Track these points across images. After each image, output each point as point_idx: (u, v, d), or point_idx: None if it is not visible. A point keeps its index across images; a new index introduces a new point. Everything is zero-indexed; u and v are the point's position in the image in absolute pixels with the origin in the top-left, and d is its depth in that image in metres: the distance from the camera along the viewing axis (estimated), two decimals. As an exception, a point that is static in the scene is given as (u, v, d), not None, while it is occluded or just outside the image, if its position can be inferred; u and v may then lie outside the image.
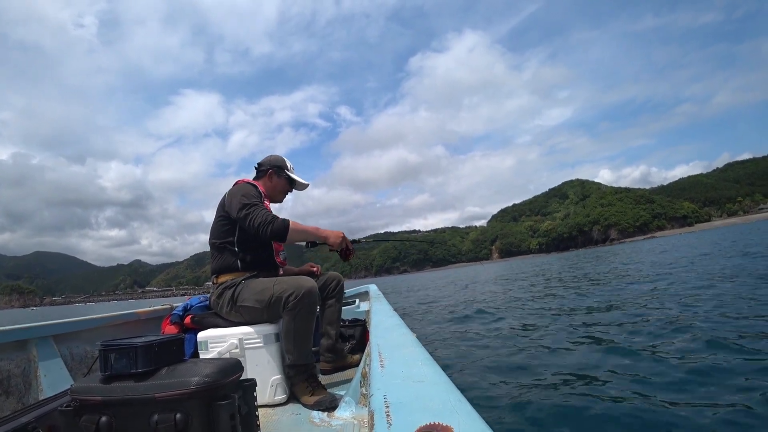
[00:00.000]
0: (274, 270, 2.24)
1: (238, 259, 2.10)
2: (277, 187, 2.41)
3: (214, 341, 1.86)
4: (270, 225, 1.96)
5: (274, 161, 2.42)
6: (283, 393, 1.86)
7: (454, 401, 0.68)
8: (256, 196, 2.10)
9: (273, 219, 1.98)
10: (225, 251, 2.12)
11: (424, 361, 1.00)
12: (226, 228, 2.13)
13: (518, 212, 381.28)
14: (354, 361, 2.45)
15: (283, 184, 2.43)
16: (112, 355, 1.11)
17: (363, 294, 4.29)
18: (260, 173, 2.42)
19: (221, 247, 2.13)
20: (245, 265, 2.10)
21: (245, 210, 2.00)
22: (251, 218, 1.97)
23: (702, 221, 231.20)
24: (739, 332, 3.96)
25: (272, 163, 2.41)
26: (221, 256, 2.13)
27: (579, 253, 79.46)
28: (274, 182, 2.40)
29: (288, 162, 2.46)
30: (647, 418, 2.51)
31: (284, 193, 2.47)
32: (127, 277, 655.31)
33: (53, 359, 2.17)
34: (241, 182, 2.26)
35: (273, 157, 2.45)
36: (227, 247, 2.12)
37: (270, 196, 2.36)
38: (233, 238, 2.11)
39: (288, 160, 2.47)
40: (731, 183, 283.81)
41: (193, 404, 1.07)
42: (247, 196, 2.07)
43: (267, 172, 2.39)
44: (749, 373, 2.93)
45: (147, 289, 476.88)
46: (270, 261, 2.20)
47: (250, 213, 1.99)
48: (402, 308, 11.34)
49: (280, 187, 2.42)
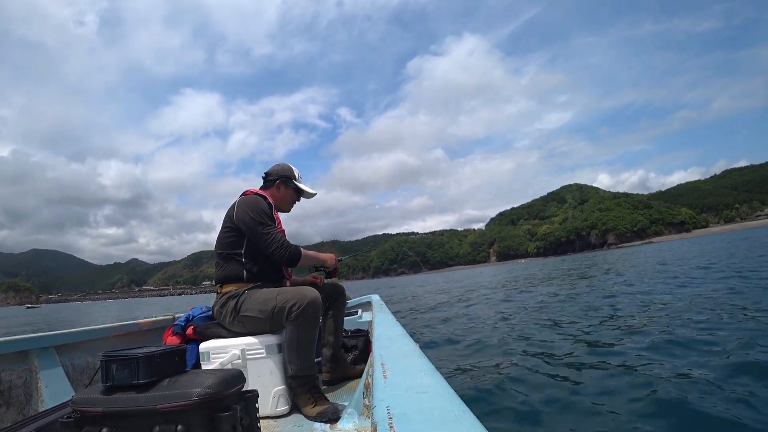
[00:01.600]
0: (280, 281, 2.22)
1: (244, 270, 2.09)
2: (285, 197, 2.39)
3: (216, 352, 1.85)
4: (286, 251, 2.05)
5: (281, 171, 2.38)
6: (285, 404, 1.85)
7: (458, 412, 0.68)
8: (268, 215, 2.11)
9: (288, 246, 2.06)
10: (232, 261, 2.11)
11: (427, 371, 0.99)
12: (233, 239, 2.11)
13: (516, 216, 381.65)
14: (356, 372, 2.43)
15: (290, 194, 2.41)
16: (113, 366, 1.11)
17: (365, 304, 4.26)
18: (268, 183, 2.38)
19: (228, 257, 2.11)
20: (251, 275, 2.09)
21: (262, 229, 2.04)
22: (268, 240, 2.03)
23: (699, 227, 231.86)
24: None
25: (280, 173, 2.37)
26: (227, 266, 2.11)
27: (576, 258, 79.43)
28: (282, 192, 2.37)
29: (296, 171, 2.42)
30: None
31: (292, 203, 2.45)
32: (124, 276, 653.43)
33: (54, 370, 2.16)
34: (249, 193, 2.24)
35: (280, 167, 2.41)
36: (234, 258, 2.11)
37: (278, 206, 2.35)
38: (241, 249, 2.10)
39: (296, 169, 2.43)
40: (729, 190, 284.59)
41: (194, 416, 1.07)
42: (261, 214, 2.08)
43: (275, 183, 2.36)
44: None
45: (144, 288, 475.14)
46: (277, 272, 2.19)
47: (267, 235, 2.04)
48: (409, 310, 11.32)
49: (288, 197, 2.40)
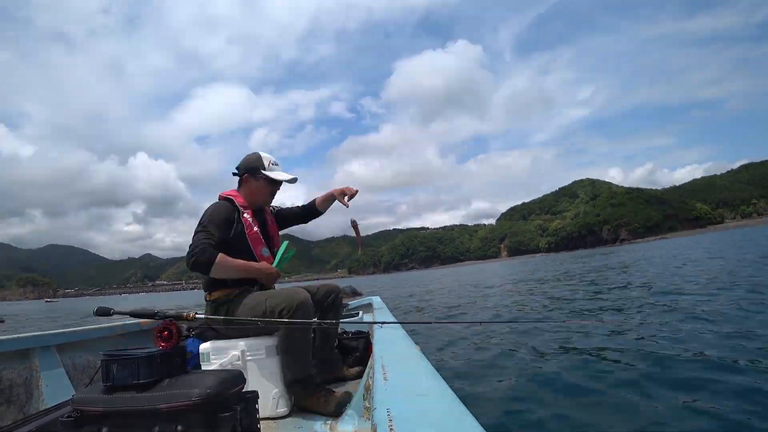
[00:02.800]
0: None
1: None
2: (258, 190, 2.18)
3: (216, 353, 1.84)
4: (194, 256, 1.81)
5: (247, 164, 2.19)
6: (285, 406, 1.84)
7: (458, 415, 0.68)
8: (216, 220, 1.96)
9: (201, 251, 1.82)
10: None
11: (427, 374, 1.00)
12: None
13: (528, 211, 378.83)
14: (350, 374, 2.37)
15: (263, 186, 2.18)
16: (114, 366, 1.11)
17: (366, 306, 4.27)
18: (240, 179, 2.22)
19: None
20: (236, 280, 2.00)
21: (193, 236, 1.90)
22: (189, 247, 1.86)
23: (715, 223, 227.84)
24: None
25: (246, 166, 2.18)
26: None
27: (584, 253, 78.57)
28: (252, 186, 2.17)
29: (267, 159, 2.19)
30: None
31: (269, 195, 2.23)
32: (138, 271, 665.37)
33: (55, 369, 2.18)
34: (221, 196, 2.16)
35: (247, 159, 2.21)
36: None
37: (253, 202, 2.18)
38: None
39: (267, 155, 2.20)
40: (745, 185, 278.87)
41: (194, 416, 1.06)
42: (206, 219, 1.95)
43: (243, 178, 2.20)
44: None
45: (157, 283, 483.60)
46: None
47: (192, 240, 1.88)
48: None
49: (261, 189, 2.18)
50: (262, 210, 2.29)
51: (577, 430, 2.61)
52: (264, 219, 2.27)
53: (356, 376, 2.35)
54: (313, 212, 2.52)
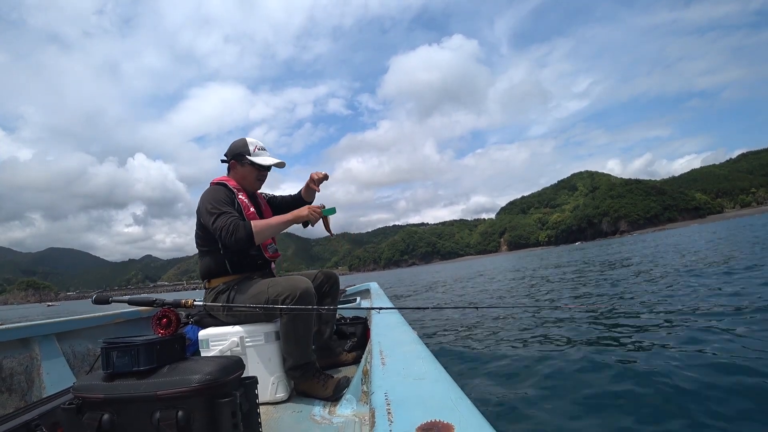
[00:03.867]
0: (266, 267, 2.16)
1: (226, 261, 2.02)
2: (245, 176, 2.19)
3: (215, 339, 1.85)
4: (233, 235, 1.84)
5: (233, 150, 2.19)
6: (284, 391, 1.85)
7: (455, 399, 0.69)
8: (222, 201, 1.97)
9: (235, 228, 1.85)
10: (212, 255, 2.04)
11: (425, 358, 1.00)
12: (207, 234, 2.02)
13: (527, 204, 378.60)
14: (348, 359, 2.41)
15: (249, 172, 2.18)
16: (114, 353, 1.11)
17: (364, 292, 4.29)
18: (228, 166, 2.23)
19: (207, 252, 2.06)
20: (235, 267, 2.02)
21: (213, 223, 1.89)
22: (215, 229, 1.88)
23: (714, 212, 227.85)
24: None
25: (232, 152, 2.19)
26: (209, 261, 2.05)
27: (585, 246, 78.71)
28: (240, 172, 2.18)
29: (252, 144, 2.18)
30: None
31: (257, 180, 2.23)
32: (139, 272, 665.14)
33: (56, 357, 2.20)
34: (213, 183, 2.15)
35: (233, 145, 2.22)
36: (214, 252, 2.04)
37: (243, 186, 2.19)
38: (218, 244, 2.01)
39: (253, 140, 2.21)
40: (744, 174, 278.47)
41: (194, 402, 1.07)
42: (214, 203, 1.95)
43: (230, 164, 2.21)
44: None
45: (158, 284, 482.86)
46: (260, 258, 2.11)
47: (213, 224, 1.88)
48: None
49: (248, 175, 2.19)
50: (255, 195, 2.30)
51: (573, 413, 2.64)
52: (258, 203, 2.28)
53: (354, 361, 2.38)
54: (300, 202, 2.52)
